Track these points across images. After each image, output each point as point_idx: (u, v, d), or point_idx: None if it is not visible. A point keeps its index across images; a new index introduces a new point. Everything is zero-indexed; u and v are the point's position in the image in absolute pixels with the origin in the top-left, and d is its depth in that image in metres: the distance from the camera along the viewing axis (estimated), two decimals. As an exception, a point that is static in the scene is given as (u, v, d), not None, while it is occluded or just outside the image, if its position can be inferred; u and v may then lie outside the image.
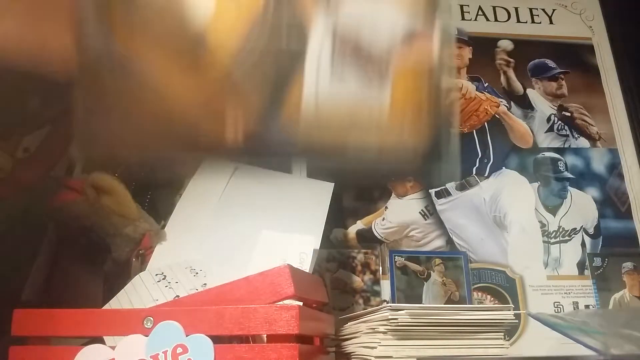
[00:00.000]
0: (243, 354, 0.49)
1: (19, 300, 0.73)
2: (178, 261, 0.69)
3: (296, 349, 0.49)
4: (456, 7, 1.07)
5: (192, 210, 0.77)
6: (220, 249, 0.72)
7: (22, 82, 0.74)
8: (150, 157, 0.49)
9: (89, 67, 0.37)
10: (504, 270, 0.90)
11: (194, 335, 0.49)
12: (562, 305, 0.89)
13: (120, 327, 0.51)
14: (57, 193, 0.73)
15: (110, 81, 0.38)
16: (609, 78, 1.06)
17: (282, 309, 0.50)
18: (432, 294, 0.86)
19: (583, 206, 0.97)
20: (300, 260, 0.70)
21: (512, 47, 1.05)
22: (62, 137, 0.83)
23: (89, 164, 0.81)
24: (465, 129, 0.98)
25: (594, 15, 1.11)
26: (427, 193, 0.94)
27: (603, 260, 0.93)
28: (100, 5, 0.37)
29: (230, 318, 0.50)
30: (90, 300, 0.69)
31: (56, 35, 0.39)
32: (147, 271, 0.68)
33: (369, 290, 0.87)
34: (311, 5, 0.38)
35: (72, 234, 0.73)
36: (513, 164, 0.98)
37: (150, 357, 0.49)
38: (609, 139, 1.02)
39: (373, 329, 0.61)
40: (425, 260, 0.88)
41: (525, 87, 1.03)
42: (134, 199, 0.76)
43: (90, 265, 0.73)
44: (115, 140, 0.40)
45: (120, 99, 0.38)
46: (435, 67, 0.38)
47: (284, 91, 0.38)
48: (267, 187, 0.80)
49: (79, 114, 0.38)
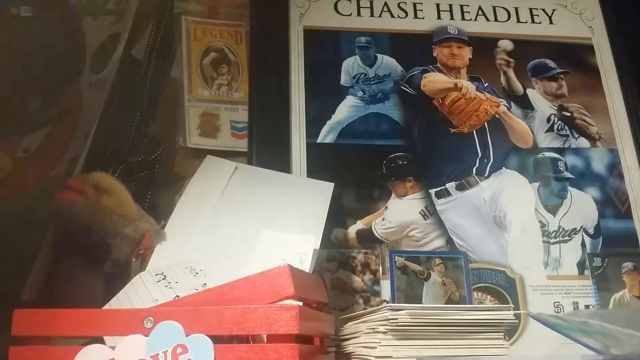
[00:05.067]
0: (243, 354, 0.49)
1: (19, 300, 0.73)
2: (178, 261, 0.69)
3: (296, 349, 0.49)
4: (456, 7, 1.07)
5: (192, 210, 0.77)
6: (220, 249, 0.73)
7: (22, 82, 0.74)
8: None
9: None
10: (504, 270, 0.90)
11: (194, 335, 0.49)
12: (562, 305, 0.89)
13: (120, 327, 0.51)
14: (57, 193, 0.73)
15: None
16: (609, 78, 1.06)
17: (282, 309, 0.50)
18: (432, 294, 0.86)
19: (583, 206, 0.97)
20: (300, 260, 0.70)
21: (512, 47, 1.05)
22: (62, 137, 0.84)
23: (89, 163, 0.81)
24: (465, 129, 0.98)
25: (594, 15, 1.11)
26: (427, 193, 0.94)
27: (603, 260, 0.93)
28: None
29: (230, 318, 0.50)
30: (90, 300, 0.69)
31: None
32: (147, 271, 0.68)
33: (369, 290, 0.87)
34: None
35: (72, 234, 0.73)
36: (513, 164, 0.98)
37: (150, 357, 0.49)
38: (609, 139, 1.02)
39: (373, 329, 0.61)
40: (425, 260, 0.88)
41: (525, 87, 1.03)
42: (134, 199, 0.76)
43: (90, 265, 0.73)
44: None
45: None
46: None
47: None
48: (267, 187, 0.81)
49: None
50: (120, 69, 0.88)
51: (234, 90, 0.99)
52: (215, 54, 1.01)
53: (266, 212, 0.77)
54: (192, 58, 0.99)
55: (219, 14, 1.04)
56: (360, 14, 1.05)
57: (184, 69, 0.98)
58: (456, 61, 1.03)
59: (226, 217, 0.76)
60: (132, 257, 0.71)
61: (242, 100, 0.98)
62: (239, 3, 1.04)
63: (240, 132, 0.96)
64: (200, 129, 0.96)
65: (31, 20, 0.76)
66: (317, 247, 0.73)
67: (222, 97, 0.98)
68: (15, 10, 0.75)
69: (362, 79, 1.00)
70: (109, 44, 0.89)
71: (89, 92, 0.87)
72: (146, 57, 0.93)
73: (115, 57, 0.88)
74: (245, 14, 1.03)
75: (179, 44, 1.00)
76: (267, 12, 1.02)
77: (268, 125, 0.94)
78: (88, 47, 0.89)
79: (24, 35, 0.75)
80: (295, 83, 0.98)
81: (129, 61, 0.91)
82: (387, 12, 1.05)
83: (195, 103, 0.97)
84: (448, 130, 0.98)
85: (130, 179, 0.83)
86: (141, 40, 0.94)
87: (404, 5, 1.06)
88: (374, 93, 0.99)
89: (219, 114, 0.97)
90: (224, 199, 0.78)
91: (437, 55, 1.03)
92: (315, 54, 1.00)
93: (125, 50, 0.89)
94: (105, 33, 0.91)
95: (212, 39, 1.01)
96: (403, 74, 1.01)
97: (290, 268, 0.53)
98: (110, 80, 0.87)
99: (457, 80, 1.01)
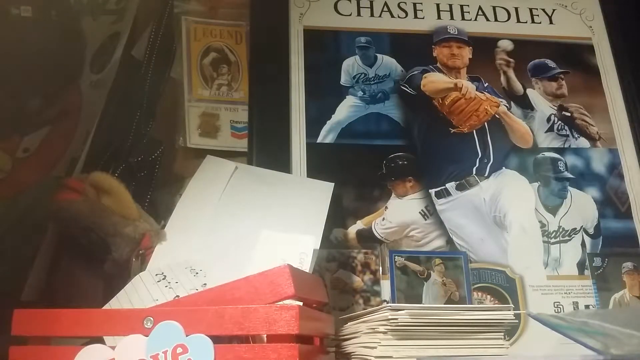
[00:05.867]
0: (243, 354, 0.49)
1: (19, 300, 0.73)
2: (178, 261, 0.69)
3: (296, 349, 0.49)
4: (456, 7, 1.07)
5: (192, 210, 0.77)
6: (220, 249, 0.72)
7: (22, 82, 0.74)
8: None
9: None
10: (504, 270, 0.90)
11: (194, 335, 0.49)
12: (562, 305, 0.89)
13: (120, 327, 0.51)
14: (57, 193, 0.73)
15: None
16: (609, 78, 1.06)
17: (282, 309, 0.50)
18: (432, 294, 0.86)
19: (583, 206, 0.97)
20: (300, 260, 0.70)
21: (512, 47, 1.05)
22: (62, 137, 0.84)
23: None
24: (465, 129, 0.98)
25: (594, 15, 1.11)
26: (427, 193, 0.94)
27: (603, 260, 0.93)
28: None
29: (230, 318, 0.50)
30: (90, 300, 0.69)
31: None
32: (147, 271, 0.68)
33: (369, 290, 0.87)
34: None
35: (72, 234, 0.73)
36: (513, 164, 0.98)
37: (150, 357, 0.49)
38: (609, 139, 1.02)
39: (373, 329, 0.61)
40: (425, 260, 0.88)
41: (525, 87, 1.03)
42: (134, 199, 0.76)
43: (90, 265, 0.73)
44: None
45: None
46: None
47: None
48: (267, 187, 0.80)
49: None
50: (120, 69, 0.88)
51: (234, 90, 0.99)
52: (215, 54, 1.01)
53: (266, 212, 0.77)
54: (192, 58, 0.99)
55: (218, 14, 1.04)
56: (360, 14, 1.05)
57: (184, 69, 0.98)
58: (456, 61, 1.03)
59: (226, 217, 0.76)
60: (132, 257, 0.71)
61: (242, 100, 0.98)
62: (239, 3, 1.04)
63: (240, 132, 0.96)
64: (200, 129, 0.96)
65: (31, 20, 0.77)
66: (317, 247, 0.73)
67: (222, 97, 0.98)
68: (15, 10, 0.75)
69: (362, 79, 1.00)
70: (109, 44, 0.89)
71: (89, 92, 0.87)
72: (146, 57, 0.93)
73: (115, 57, 0.87)
74: (245, 14, 1.03)
75: (179, 44, 1.00)
76: (267, 12, 1.02)
77: (268, 125, 0.94)
78: (88, 47, 0.89)
79: (23, 35, 0.75)
80: (295, 83, 0.98)
81: (129, 61, 0.91)
82: (387, 12, 1.05)
83: (195, 103, 0.97)
84: (448, 130, 0.98)
85: (130, 179, 0.83)
86: (141, 40, 0.94)
87: (404, 5, 1.06)
88: (374, 93, 0.99)
89: (219, 114, 0.97)
90: (224, 199, 0.78)
91: (437, 55, 1.03)
92: (315, 54, 1.00)
93: (125, 50, 0.89)
94: (105, 33, 0.91)
95: (212, 39, 1.01)
96: (403, 74, 1.01)
97: (290, 268, 0.53)
98: (110, 80, 0.87)
99: (457, 80, 1.01)
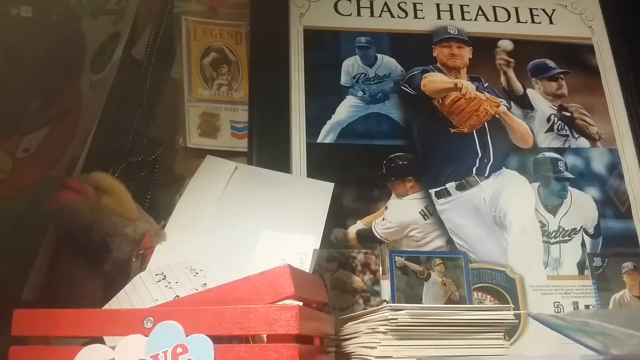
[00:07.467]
0: (243, 354, 0.49)
1: (19, 300, 0.73)
2: (178, 261, 0.69)
3: (296, 349, 0.49)
4: (456, 7, 1.07)
5: (192, 210, 0.77)
6: (220, 249, 0.72)
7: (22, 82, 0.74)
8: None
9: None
10: (504, 270, 0.90)
11: (194, 335, 0.49)
12: (562, 305, 0.89)
13: (120, 327, 0.51)
14: (57, 193, 0.73)
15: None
16: (609, 78, 1.06)
17: (282, 309, 0.50)
18: (432, 294, 0.86)
19: (583, 206, 0.97)
20: (300, 260, 0.70)
21: (512, 47, 1.05)
22: (62, 137, 0.83)
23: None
24: (465, 129, 0.98)
25: (594, 15, 1.11)
26: (427, 193, 0.94)
27: (603, 260, 0.93)
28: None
29: (230, 318, 0.50)
30: (90, 300, 0.69)
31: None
32: (147, 271, 0.68)
33: (369, 290, 0.87)
34: None
35: (72, 234, 0.73)
36: (513, 164, 0.98)
37: (150, 357, 0.49)
38: (609, 139, 1.02)
39: (373, 329, 0.61)
40: (425, 260, 0.88)
41: (525, 87, 1.03)
42: (134, 199, 0.76)
43: (90, 265, 0.73)
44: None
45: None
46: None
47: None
48: (267, 187, 0.80)
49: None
50: (120, 69, 0.88)
51: (234, 90, 0.99)
52: (215, 54, 1.01)
53: (266, 212, 0.77)
54: (192, 58, 0.99)
55: (218, 14, 1.04)
56: (360, 14, 1.05)
57: (184, 69, 0.98)
58: (456, 61, 1.03)
59: (226, 217, 0.76)
60: (132, 257, 0.71)
61: (242, 100, 0.98)
62: (239, 3, 1.04)
63: (240, 132, 0.96)
64: (200, 129, 0.96)
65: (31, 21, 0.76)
66: (317, 247, 0.73)
67: (222, 97, 0.98)
68: (15, 10, 0.75)
69: (362, 79, 1.00)
70: (109, 44, 0.89)
71: (89, 92, 0.87)
72: (146, 57, 0.93)
73: (115, 57, 0.87)
74: (245, 14, 1.03)
75: (179, 44, 1.00)
76: (267, 12, 1.02)
77: (268, 125, 0.94)
78: (88, 47, 0.89)
79: (23, 36, 0.75)
80: (295, 83, 0.98)
81: (129, 61, 0.91)
82: (387, 12, 1.05)
83: (195, 103, 0.97)
84: (448, 130, 0.98)
85: (130, 179, 0.83)
86: (141, 40, 0.94)
87: (404, 5, 1.06)
88: (374, 93, 0.99)
89: (219, 114, 0.97)
90: (224, 199, 0.78)
91: (437, 55, 1.03)
92: (315, 53, 1.00)
93: (125, 50, 0.89)
94: (105, 33, 0.91)
95: (212, 39, 1.01)
96: (403, 74, 1.01)
97: (290, 268, 0.53)
98: (110, 80, 0.87)
99: (457, 80, 1.01)
